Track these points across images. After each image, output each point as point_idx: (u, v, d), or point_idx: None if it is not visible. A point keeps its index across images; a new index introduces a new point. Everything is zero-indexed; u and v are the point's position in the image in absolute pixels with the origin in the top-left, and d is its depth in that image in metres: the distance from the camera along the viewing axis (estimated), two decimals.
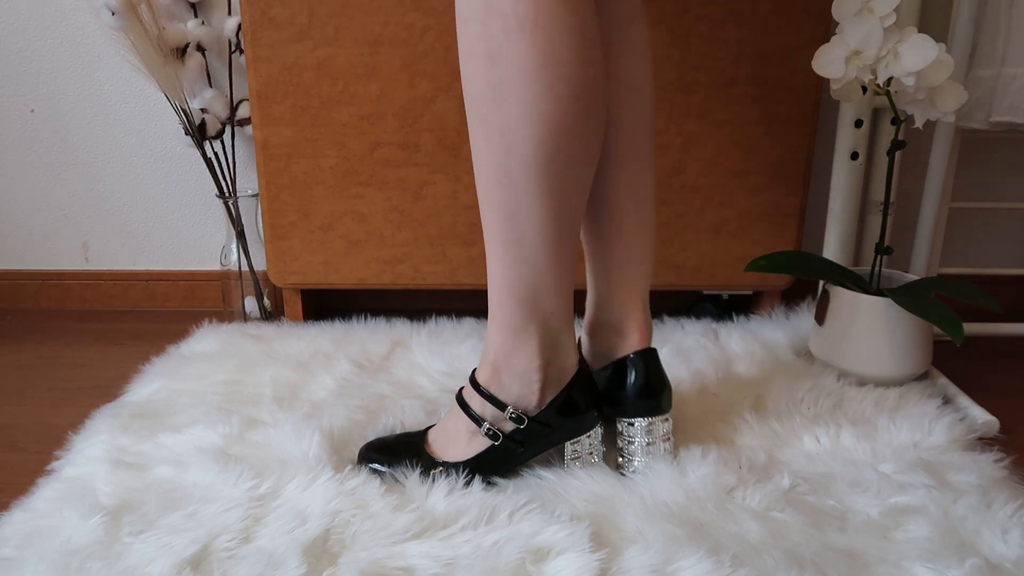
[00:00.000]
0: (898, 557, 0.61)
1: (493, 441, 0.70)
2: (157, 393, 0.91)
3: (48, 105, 1.25)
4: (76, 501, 0.67)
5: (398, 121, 1.06)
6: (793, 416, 0.83)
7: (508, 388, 0.69)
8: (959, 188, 1.21)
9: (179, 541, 0.61)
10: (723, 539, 0.62)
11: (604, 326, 0.77)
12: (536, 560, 0.60)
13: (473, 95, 0.62)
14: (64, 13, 1.20)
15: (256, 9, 1.01)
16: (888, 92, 0.86)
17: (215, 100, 1.15)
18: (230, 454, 0.75)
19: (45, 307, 1.35)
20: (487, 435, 0.70)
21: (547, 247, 0.64)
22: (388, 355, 1.01)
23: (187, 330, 1.11)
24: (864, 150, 1.08)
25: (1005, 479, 0.72)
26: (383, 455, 0.73)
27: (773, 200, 1.09)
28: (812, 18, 1.01)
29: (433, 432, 0.75)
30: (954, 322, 0.80)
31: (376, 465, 0.72)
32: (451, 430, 0.72)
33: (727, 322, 1.13)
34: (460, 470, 0.70)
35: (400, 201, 1.09)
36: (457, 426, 0.72)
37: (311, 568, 0.59)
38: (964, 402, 0.89)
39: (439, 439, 0.73)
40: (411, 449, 0.73)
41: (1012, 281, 1.28)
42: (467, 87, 0.63)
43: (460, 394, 0.72)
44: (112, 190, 1.29)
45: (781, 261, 0.95)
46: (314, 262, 1.13)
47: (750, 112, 1.05)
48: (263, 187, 1.10)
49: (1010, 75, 0.93)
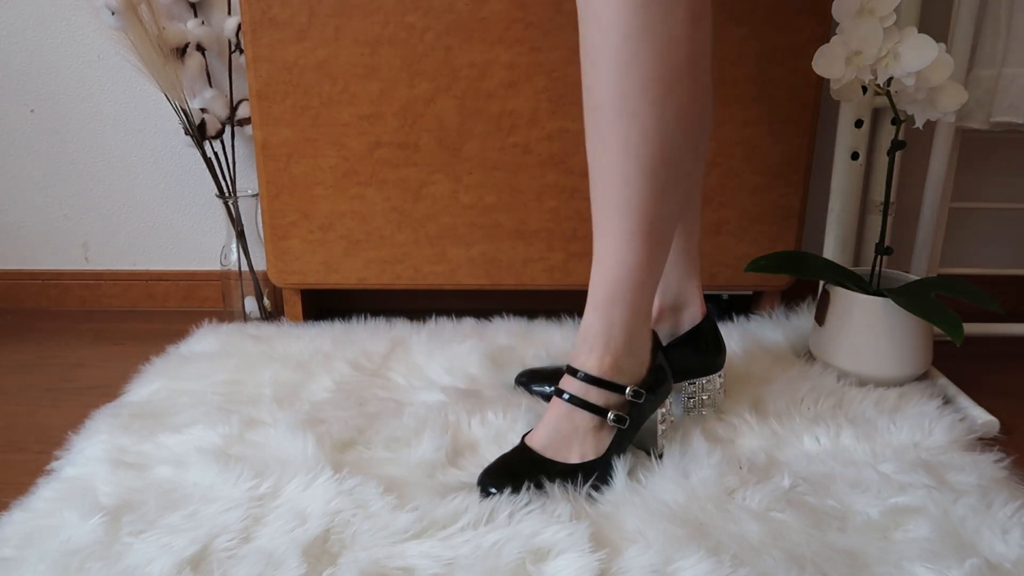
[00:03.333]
0: (898, 557, 0.61)
1: (620, 426, 0.71)
2: (157, 393, 0.91)
3: (48, 105, 1.25)
4: (76, 501, 0.67)
5: (398, 121, 1.06)
6: (793, 416, 0.83)
7: (627, 370, 0.72)
8: (959, 188, 1.21)
9: (179, 541, 0.61)
10: (723, 539, 0.62)
11: (667, 309, 0.85)
12: (536, 560, 0.60)
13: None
14: (64, 13, 1.20)
15: (256, 9, 1.01)
16: (888, 92, 0.86)
17: (215, 100, 1.15)
18: (230, 454, 0.75)
19: (45, 307, 1.35)
20: (615, 422, 0.70)
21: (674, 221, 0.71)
22: (388, 355, 1.01)
23: (187, 330, 1.11)
24: (864, 150, 1.08)
25: (1005, 479, 0.72)
26: (503, 479, 0.69)
27: (773, 200, 1.09)
28: (812, 18, 1.01)
29: (539, 440, 0.72)
30: (954, 322, 0.80)
31: (495, 490, 0.69)
32: (567, 430, 0.71)
33: (727, 322, 1.13)
34: (602, 466, 0.71)
35: (400, 201, 1.09)
36: (574, 425, 0.71)
37: (311, 568, 0.59)
38: (964, 402, 0.89)
39: (555, 444, 0.71)
40: (530, 466, 0.70)
41: (1012, 281, 1.27)
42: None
43: (566, 393, 0.71)
44: (112, 190, 1.29)
45: (781, 261, 0.95)
46: (314, 262, 1.13)
47: (750, 112, 1.05)
48: (263, 187, 1.10)
49: (1010, 75, 0.93)
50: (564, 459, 0.70)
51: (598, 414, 0.70)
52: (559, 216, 1.09)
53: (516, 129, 1.05)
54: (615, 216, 0.68)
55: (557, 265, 1.12)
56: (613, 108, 0.64)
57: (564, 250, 1.11)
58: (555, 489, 0.68)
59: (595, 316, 0.71)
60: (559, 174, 1.07)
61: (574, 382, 0.71)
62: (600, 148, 0.67)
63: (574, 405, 0.71)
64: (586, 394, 0.71)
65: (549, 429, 0.72)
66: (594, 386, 0.71)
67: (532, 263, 1.12)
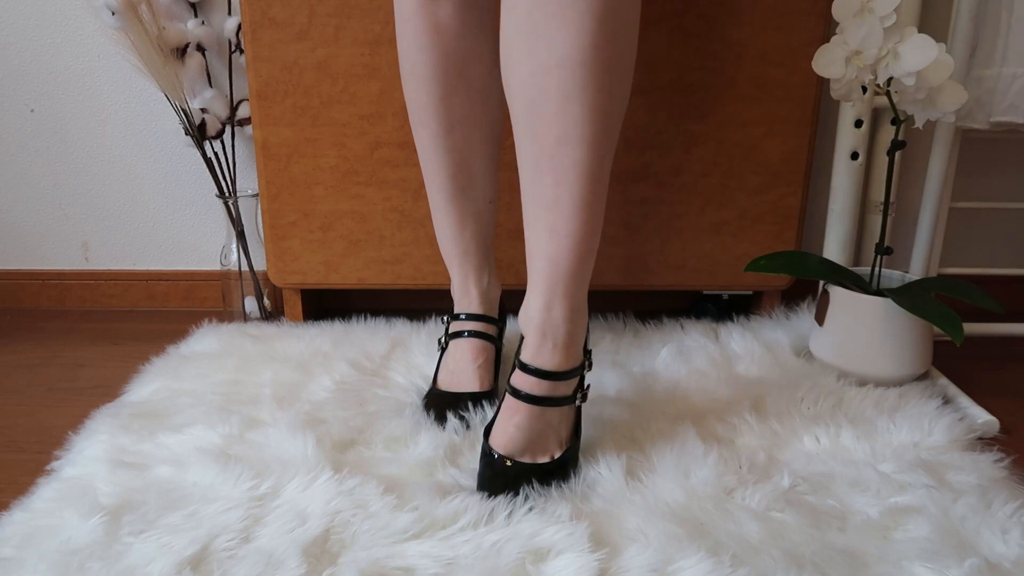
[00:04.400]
0: (898, 557, 0.61)
1: (583, 402, 0.73)
2: (157, 393, 0.91)
3: (48, 105, 1.25)
4: (76, 501, 0.67)
5: (398, 121, 1.06)
6: (793, 416, 0.83)
7: (579, 354, 0.72)
8: (959, 188, 1.21)
9: (179, 541, 0.61)
10: (723, 539, 0.62)
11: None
12: (536, 560, 0.60)
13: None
14: (64, 13, 1.20)
15: (256, 9, 1.01)
16: (888, 92, 0.86)
17: (215, 100, 1.15)
18: (230, 454, 0.75)
19: (45, 307, 1.35)
20: (580, 403, 0.73)
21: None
22: (388, 355, 1.01)
23: (187, 330, 1.11)
24: (864, 150, 1.08)
25: (1005, 479, 0.72)
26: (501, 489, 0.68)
27: (773, 200, 1.09)
28: (812, 18, 1.01)
29: (517, 445, 0.69)
30: (954, 322, 0.80)
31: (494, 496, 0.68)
32: (541, 428, 0.69)
33: (727, 322, 1.13)
34: (577, 445, 0.73)
35: (400, 201, 1.09)
36: (547, 421, 0.69)
37: (311, 568, 0.59)
38: (964, 402, 0.89)
39: (533, 447, 0.69)
40: (524, 474, 0.68)
41: (1012, 281, 1.28)
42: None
43: (533, 397, 0.69)
44: (112, 190, 1.29)
45: (781, 261, 0.95)
46: (314, 262, 1.13)
47: (750, 112, 1.05)
48: (263, 187, 1.10)
49: (1010, 75, 0.93)
50: (550, 455, 0.70)
51: (568, 403, 0.71)
52: None
53: None
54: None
55: None
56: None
57: None
58: (552, 489, 0.68)
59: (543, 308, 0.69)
60: None
61: (539, 382, 0.69)
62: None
63: (544, 405, 0.69)
64: (553, 390, 0.70)
65: (523, 432, 0.69)
66: (562, 380, 0.70)
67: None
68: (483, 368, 0.86)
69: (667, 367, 0.96)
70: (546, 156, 0.64)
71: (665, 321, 1.13)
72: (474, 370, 0.85)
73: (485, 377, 0.86)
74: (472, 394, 0.84)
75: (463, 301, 0.90)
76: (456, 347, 0.88)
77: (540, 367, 0.69)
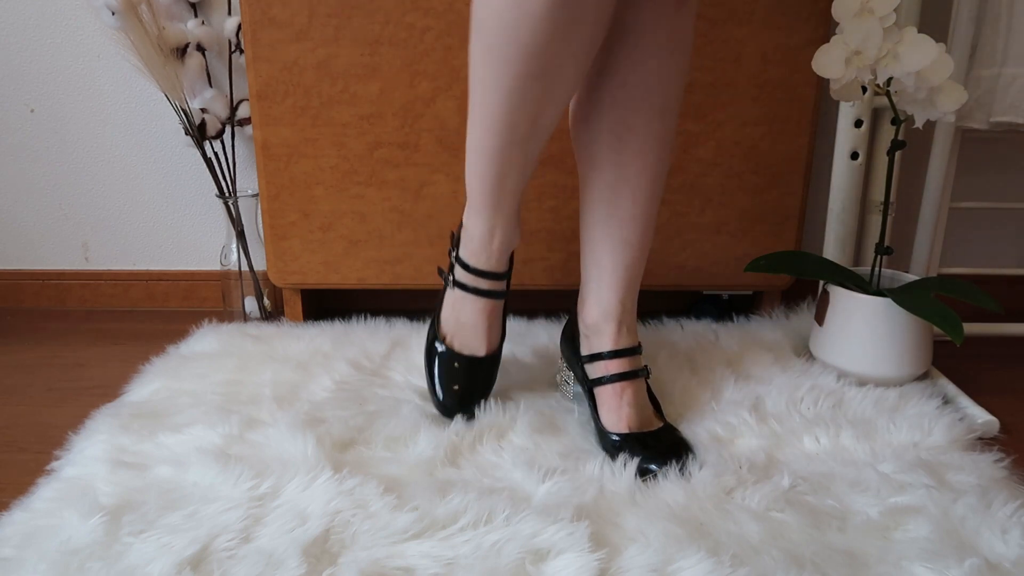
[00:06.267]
0: (898, 557, 0.61)
1: (648, 376, 0.85)
2: (157, 393, 0.91)
3: (48, 105, 1.25)
4: (76, 501, 0.67)
5: (398, 121, 1.06)
6: (793, 416, 0.83)
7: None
8: (959, 188, 1.21)
9: (179, 541, 0.61)
10: (723, 539, 0.62)
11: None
12: (536, 560, 0.60)
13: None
14: (64, 13, 1.20)
15: (256, 9, 1.01)
16: (888, 92, 0.86)
17: (215, 100, 1.15)
18: (230, 454, 0.75)
19: (45, 307, 1.35)
20: (648, 376, 0.84)
21: None
22: (388, 355, 1.01)
23: (187, 330, 1.11)
24: (864, 150, 1.08)
25: (1005, 479, 0.72)
26: (662, 460, 0.74)
27: (773, 200, 1.09)
28: (812, 18, 1.01)
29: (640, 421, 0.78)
30: (954, 322, 0.80)
31: (653, 466, 0.74)
32: (643, 402, 0.80)
33: (727, 322, 1.13)
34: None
35: (400, 201, 1.09)
36: (644, 394, 0.81)
37: (311, 568, 0.59)
38: (964, 402, 0.89)
39: (649, 416, 0.80)
40: (676, 442, 0.77)
41: (1012, 281, 1.28)
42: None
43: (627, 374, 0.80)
44: (112, 190, 1.29)
45: (781, 261, 0.95)
46: (314, 262, 1.13)
47: (750, 112, 1.05)
48: (263, 187, 1.10)
49: (1010, 75, 0.94)
50: (659, 419, 0.81)
51: (645, 375, 0.82)
52: (559, 216, 1.09)
53: None
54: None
55: (557, 265, 1.12)
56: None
57: (564, 250, 1.11)
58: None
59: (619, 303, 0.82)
60: (559, 174, 1.07)
61: (629, 360, 0.81)
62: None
63: (639, 377, 0.81)
64: (637, 363, 0.82)
65: (638, 409, 0.79)
66: (639, 353, 0.83)
67: (532, 263, 1.12)
68: (494, 328, 0.88)
69: (667, 367, 0.96)
70: (624, 181, 0.78)
71: (665, 321, 1.13)
72: (485, 330, 0.86)
73: (495, 338, 0.88)
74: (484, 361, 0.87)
75: (481, 255, 0.85)
76: (471, 304, 0.86)
77: (625, 347, 0.81)
